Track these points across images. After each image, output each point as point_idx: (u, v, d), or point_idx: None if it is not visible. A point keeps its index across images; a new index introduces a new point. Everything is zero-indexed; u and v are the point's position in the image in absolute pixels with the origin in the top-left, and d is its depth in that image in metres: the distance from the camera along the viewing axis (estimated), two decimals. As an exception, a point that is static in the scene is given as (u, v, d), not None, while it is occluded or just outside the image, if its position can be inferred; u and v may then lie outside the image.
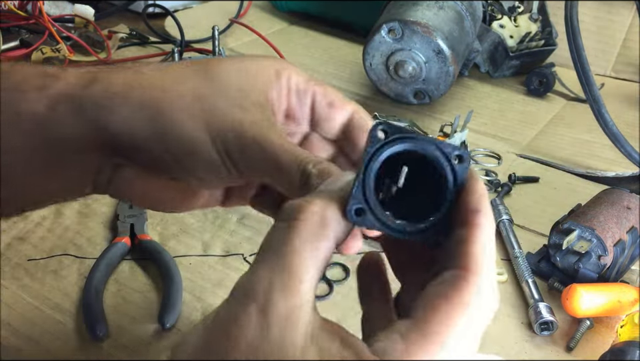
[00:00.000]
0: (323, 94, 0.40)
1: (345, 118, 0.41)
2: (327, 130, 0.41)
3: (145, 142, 0.36)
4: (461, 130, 0.75)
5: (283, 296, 0.27)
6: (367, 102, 0.94)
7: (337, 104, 0.41)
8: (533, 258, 0.62)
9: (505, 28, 1.02)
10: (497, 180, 0.73)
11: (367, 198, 0.30)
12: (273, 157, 0.35)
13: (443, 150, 0.30)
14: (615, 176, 0.77)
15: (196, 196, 0.42)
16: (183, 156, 0.36)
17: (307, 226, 0.29)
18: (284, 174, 0.35)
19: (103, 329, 0.53)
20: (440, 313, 0.27)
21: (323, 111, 0.41)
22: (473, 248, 0.29)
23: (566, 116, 0.93)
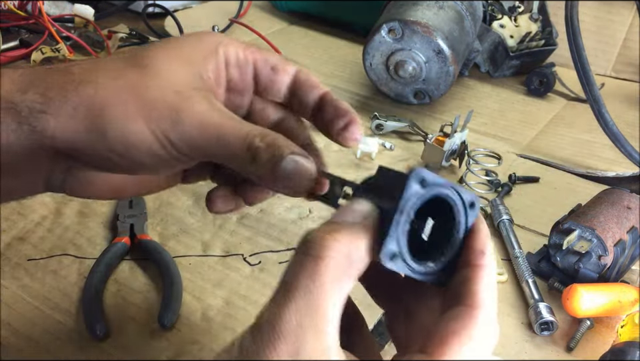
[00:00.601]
0: (264, 61, 0.41)
1: (290, 79, 0.41)
2: (274, 94, 0.42)
3: (87, 144, 0.36)
4: (461, 130, 0.75)
5: (314, 338, 0.27)
6: (367, 102, 0.93)
7: (279, 67, 0.41)
8: (533, 258, 0.62)
9: (505, 28, 1.02)
10: (497, 180, 0.73)
11: (400, 243, 0.31)
12: (216, 138, 0.35)
13: (462, 197, 0.33)
14: (615, 176, 0.77)
15: (153, 181, 0.43)
16: (127, 153, 0.36)
17: (335, 266, 0.29)
18: (230, 153, 0.35)
19: (102, 329, 0.53)
20: (452, 349, 0.30)
21: (267, 77, 0.41)
22: (479, 287, 0.32)
23: (566, 116, 0.93)
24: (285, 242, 0.65)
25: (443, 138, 0.74)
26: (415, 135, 0.85)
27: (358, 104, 0.93)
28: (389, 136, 0.85)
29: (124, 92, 0.36)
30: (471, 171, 0.72)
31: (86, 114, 0.35)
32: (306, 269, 0.29)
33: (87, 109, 0.35)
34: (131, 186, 0.43)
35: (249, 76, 0.41)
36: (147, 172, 0.38)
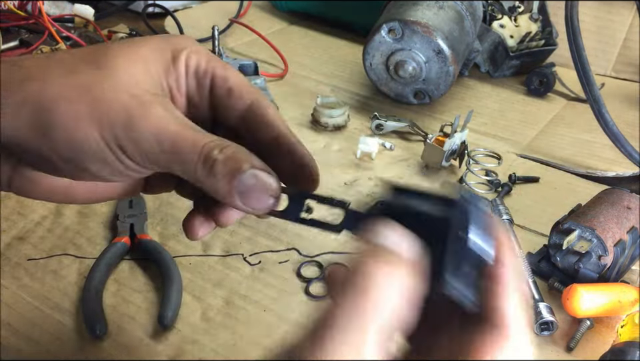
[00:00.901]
0: (223, 79, 0.38)
1: (243, 107, 0.38)
2: (224, 118, 0.39)
3: (30, 144, 0.33)
4: (461, 130, 0.75)
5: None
6: (367, 102, 0.93)
7: (235, 92, 0.38)
8: (533, 258, 0.62)
9: (505, 28, 1.02)
10: (497, 180, 0.73)
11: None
12: (171, 147, 0.33)
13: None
14: (615, 176, 0.77)
15: (108, 189, 0.40)
16: (72, 156, 0.34)
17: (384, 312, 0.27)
18: (186, 164, 0.33)
19: (102, 329, 0.53)
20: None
21: (222, 98, 0.38)
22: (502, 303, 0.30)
23: (566, 116, 0.93)
24: (285, 242, 0.65)
25: (443, 138, 0.74)
26: (415, 135, 0.85)
27: (358, 104, 0.93)
28: (389, 136, 0.85)
29: (74, 90, 0.33)
30: (471, 171, 0.72)
31: (31, 111, 0.33)
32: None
33: (32, 106, 0.33)
34: (81, 191, 0.40)
35: (206, 90, 0.38)
36: (94, 179, 0.36)
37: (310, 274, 0.61)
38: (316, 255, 0.63)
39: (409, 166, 0.79)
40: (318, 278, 0.60)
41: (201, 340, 0.54)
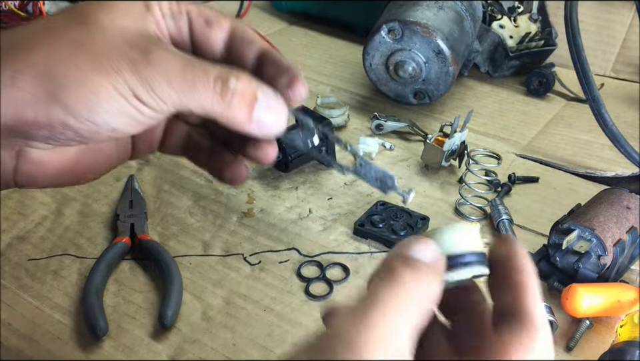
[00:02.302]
0: (197, 13, 0.38)
1: (225, 34, 0.39)
2: (209, 51, 0.39)
3: (41, 111, 0.32)
4: (461, 130, 0.75)
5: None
6: (367, 102, 0.94)
7: (213, 21, 0.39)
8: (533, 257, 0.62)
9: (505, 29, 1.02)
10: (497, 180, 0.73)
11: None
12: (182, 85, 0.33)
13: None
14: (614, 176, 0.77)
15: (107, 157, 0.40)
16: (89, 113, 0.33)
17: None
18: (200, 98, 0.33)
19: (103, 328, 0.53)
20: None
21: (201, 31, 0.39)
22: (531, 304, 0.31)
23: (566, 116, 0.93)
24: (285, 242, 0.65)
25: (443, 138, 0.74)
26: (415, 135, 0.85)
27: (358, 104, 0.93)
28: (389, 136, 0.85)
29: (71, 48, 0.32)
30: (471, 171, 0.72)
31: (35, 79, 0.32)
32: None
33: (33, 74, 0.32)
34: (88, 164, 0.39)
35: (185, 29, 0.38)
36: (111, 134, 0.35)
37: (310, 274, 0.61)
38: (316, 255, 0.63)
39: (409, 166, 0.79)
40: (318, 278, 0.60)
41: (201, 339, 0.54)
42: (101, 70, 0.32)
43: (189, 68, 0.33)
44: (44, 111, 0.32)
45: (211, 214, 0.69)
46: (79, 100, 0.32)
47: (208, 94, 0.33)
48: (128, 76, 0.32)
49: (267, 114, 0.35)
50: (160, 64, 0.33)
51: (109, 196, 0.71)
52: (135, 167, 0.76)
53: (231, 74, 0.34)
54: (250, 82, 0.34)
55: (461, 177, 0.74)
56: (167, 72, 0.33)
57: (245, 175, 0.42)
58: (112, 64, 0.32)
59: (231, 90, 0.33)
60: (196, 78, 0.33)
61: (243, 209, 0.70)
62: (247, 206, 0.70)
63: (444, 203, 0.72)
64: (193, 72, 0.33)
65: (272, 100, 0.35)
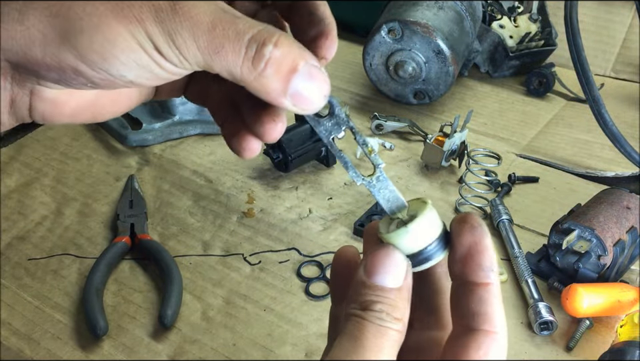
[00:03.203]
0: None
1: None
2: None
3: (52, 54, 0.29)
4: (461, 130, 0.75)
5: None
6: (367, 102, 0.94)
7: None
8: (533, 257, 0.62)
9: (505, 29, 1.02)
10: (497, 180, 0.73)
11: None
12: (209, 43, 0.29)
13: None
14: (614, 176, 0.77)
15: (127, 99, 0.37)
16: (104, 61, 0.29)
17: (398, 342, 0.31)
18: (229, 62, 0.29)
19: (103, 328, 0.53)
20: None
21: None
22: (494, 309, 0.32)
23: (566, 117, 0.94)
24: (285, 242, 0.65)
25: (443, 138, 0.74)
26: (415, 135, 0.85)
27: (358, 104, 0.93)
28: (389, 136, 0.85)
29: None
30: (471, 171, 0.72)
31: (47, 17, 0.29)
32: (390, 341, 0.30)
33: (45, 11, 0.29)
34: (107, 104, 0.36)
35: None
36: (128, 85, 0.32)
37: (310, 274, 0.61)
38: (316, 255, 0.63)
39: (409, 166, 0.79)
40: (318, 278, 0.60)
41: (201, 339, 0.54)
42: (120, 16, 0.29)
43: (220, 24, 0.29)
44: (54, 53, 0.29)
45: (210, 214, 0.69)
46: (92, 46, 0.29)
47: (237, 59, 0.29)
48: (150, 26, 0.29)
49: (306, 87, 0.30)
50: (187, 16, 0.29)
51: (109, 196, 0.71)
52: (134, 167, 0.76)
53: (268, 38, 0.29)
54: (291, 49, 0.29)
55: (461, 177, 0.74)
56: (194, 27, 0.29)
57: (255, 149, 0.36)
58: (133, 10, 0.29)
59: (265, 58, 0.29)
60: (225, 39, 0.29)
61: (243, 209, 0.70)
62: (247, 206, 0.70)
63: (444, 203, 0.72)
64: (223, 30, 0.29)
65: (315, 71, 0.30)
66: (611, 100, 0.94)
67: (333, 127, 0.34)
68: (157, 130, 0.80)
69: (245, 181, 0.74)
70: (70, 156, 0.78)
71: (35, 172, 0.75)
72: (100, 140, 0.81)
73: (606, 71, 1.08)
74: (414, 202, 0.33)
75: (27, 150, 0.79)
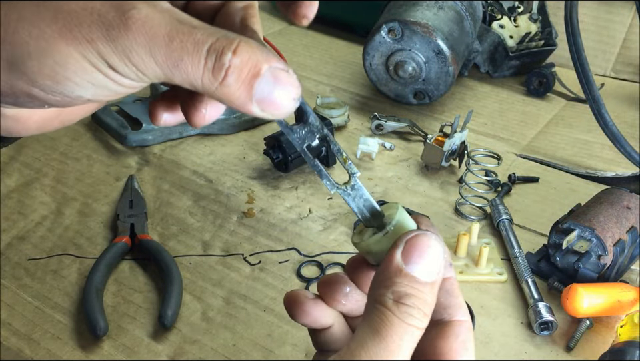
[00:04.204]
0: None
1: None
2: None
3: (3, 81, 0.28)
4: (461, 130, 0.75)
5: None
6: (367, 102, 0.94)
7: None
8: (533, 257, 0.62)
9: (505, 29, 1.02)
10: (497, 180, 0.73)
11: None
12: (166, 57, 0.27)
13: None
14: (614, 176, 0.77)
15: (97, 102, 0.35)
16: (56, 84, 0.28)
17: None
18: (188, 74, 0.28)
19: (103, 329, 0.53)
20: None
21: None
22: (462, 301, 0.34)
23: (566, 116, 0.93)
24: (285, 242, 0.65)
25: (443, 138, 0.74)
26: (415, 135, 0.85)
27: (358, 104, 0.93)
28: (389, 136, 0.85)
29: (35, 8, 0.27)
30: (471, 171, 0.72)
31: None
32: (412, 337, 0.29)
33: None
34: (76, 110, 0.35)
35: None
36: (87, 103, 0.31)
37: (310, 274, 0.61)
38: (316, 255, 0.63)
39: (409, 166, 0.79)
40: (318, 278, 0.60)
41: (201, 339, 0.54)
42: (68, 37, 0.27)
43: (177, 36, 0.27)
44: (4, 80, 0.28)
45: (210, 214, 0.69)
46: (43, 71, 0.27)
47: (197, 70, 0.28)
48: (101, 46, 0.27)
49: (272, 92, 0.28)
50: (141, 31, 0.27)
51: (109, 196, 0.71)
52: (134, 167, 0.76)
53: (227, 46, 0.27)
54: (252, 54, 0.28)
55: (461, 177, 0.74)
56: (150, 42, 0.27)
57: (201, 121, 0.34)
58: (82, 31, 0.27)
59: (225, 67, 0.27)
60: (184, 52, 0.27)
61: (243, 209, 0.70)
62: (247, 206, 0.70)
63: (444, 203, 0.72)
64: (181, 42, 0.27)
65: (280, 74, 0.29)
66: (611, 100, 0.94)
67: (306, 135, 0.33)
68: (157, 130, 0.80)
69: (245, 181, 0.74)
70: (70, 156, 0.78)
71: (34, 172, 0.75)
72: (100, 140, 0.81)
73: (606, 71, 1.08)
74: (385, 207, 0.33)
75: (26, 150, 0.79)
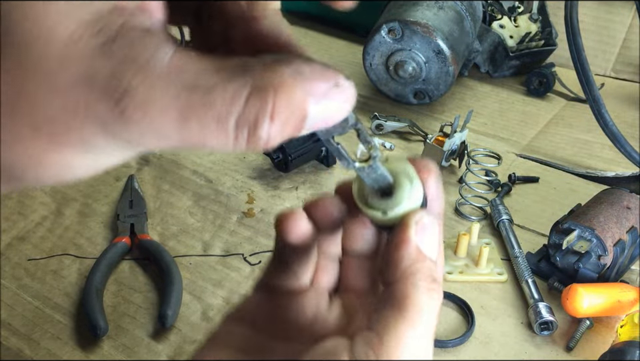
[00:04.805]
0: None
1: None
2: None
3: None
4: (461, 130, 0.75)
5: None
6: (367, 102, 0.94)
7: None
8: (533, 257, 0.62)
9: (505, 29, 1.02)
10: (497, 180, 0.73)
11: None
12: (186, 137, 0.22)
13: None
14: (614, 176, 0.77)
15: None
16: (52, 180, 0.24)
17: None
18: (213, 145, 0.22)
19: (103, 328, 0.53)
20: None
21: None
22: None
23: (566, 116, 0.93)
24: (285, 242, 0.65)
25: (443, 138, 0.74)
26: (415, 135, 0.85)
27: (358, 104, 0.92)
28: (389, 136, 0.85)
29: (9, 118, 0.21)
30: (471, 171, 0.72)
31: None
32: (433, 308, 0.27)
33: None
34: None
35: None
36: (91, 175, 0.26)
37: (310, 274, 0.61)
38: (316, 255, 0.63)
39: (409, 166, 0.79)
40: (318, 278, 0.60)
41: (201, 339, 0.54)
42: (58, 150, 0.22)
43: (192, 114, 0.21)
44: (4, 188, 0.24)
45: (210, 214, 0.69)
46: (42, 179, 0.24)
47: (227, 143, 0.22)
48: (101, 141, 0.22)
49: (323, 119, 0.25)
50: (143, 120, 0.21)
51: (109, 196, 0.71)
52: (134, 167, 0.76)
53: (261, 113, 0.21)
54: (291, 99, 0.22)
55: (461, 177, 0.74)
56: (158, 130, 0.21)
57: None
58: (71, 136, 0.22)
59: (263, 140, 0.22)
60: (206, 132, 0.21)
61: (243, 209, 0.70)
62: (247, 206, 0.70)
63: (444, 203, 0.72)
64: (199, 121, 0.21)
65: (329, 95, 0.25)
66: (611, 100, 0.94)
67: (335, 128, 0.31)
68: (157, 130, 0.80)
69: (245, 181, 0.74)
70: (70, 156, 0.78)
71: (34, 172, 0.75)
72: (100, 140, 0.81)
73: (606, 71, 1.08)
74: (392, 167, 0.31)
75: (26, 150, 0.79)
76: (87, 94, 0.21)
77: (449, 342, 0.54)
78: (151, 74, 0.21)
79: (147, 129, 0.21)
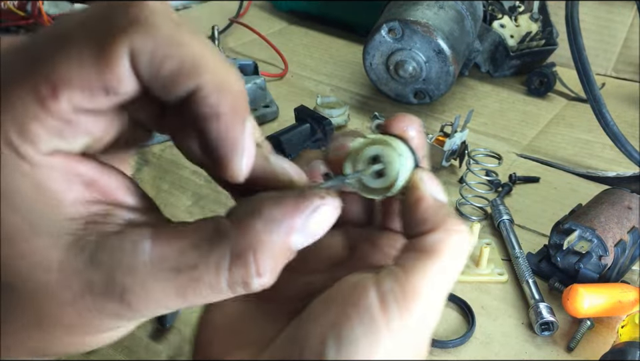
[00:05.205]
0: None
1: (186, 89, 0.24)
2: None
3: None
4: (461, 130, 0.75)
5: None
6: (367, 102, 0.93)
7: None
8: (534, 258, 0.62)
9: (506, 28, 1.01)
10: (498, 180, 0.73)
11: None
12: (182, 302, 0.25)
13: None
14: (615, 176, 0.77)
15: None
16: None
17: None
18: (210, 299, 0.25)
19: (102, 329, 0.53)
20: None
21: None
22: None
23: (566, 116, 0.93)
24: (285, 242, 0.65)
25: (443, 138, 0.74)
26: (415, 135, 0.85)
27: (358, 104, 0.93)
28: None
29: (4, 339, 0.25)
30: (471, 171, 0.72)
31: None
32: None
33: None
34: None
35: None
36: None
37: (310, 274, 0.61)
38: (316, 255, 0.63)
39: (409, 166, 0.79)
40: (318, 278, 0.60)
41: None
42: (87, 342, 0.28)
43: (186, 287, 0.24)
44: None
45: (210, 214, 0.68)
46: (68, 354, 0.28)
47: (224, 298, 0.25)
48: (117, 323, 0.26)
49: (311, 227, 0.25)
50: (149, 303, 0.24)
51: (108, 196, 0.71)
52: (134, 167, 0.76)
53: (245, 273, 0.24)
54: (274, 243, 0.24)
55: (462, 177, 0.74)
56: (164, 304, 0.24)
57: None
58: (91, 330, 0.26)
59: (255, 289, 0.25)
60: (204, 295, 0.24)
61: (243, 209, 0.69)
62: (247, 206, 0.70)
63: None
64: (194, 291, 0.24)
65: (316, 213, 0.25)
66: (612, 99, 0.94)
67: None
68: (157, 130, 0.80)
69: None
70: (69, 156, 0.78)
71: (34, 172, 0.75)
72: (100, 140, 0.81)
73: (607, 71, 1.08)
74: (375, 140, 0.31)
75: (26, 150, 0.78)
76: (94, 299, 0.23)
77: (450, 342, 0.54)
78: (139, 272, 0.23)
79: (155, 308, 0.24)
